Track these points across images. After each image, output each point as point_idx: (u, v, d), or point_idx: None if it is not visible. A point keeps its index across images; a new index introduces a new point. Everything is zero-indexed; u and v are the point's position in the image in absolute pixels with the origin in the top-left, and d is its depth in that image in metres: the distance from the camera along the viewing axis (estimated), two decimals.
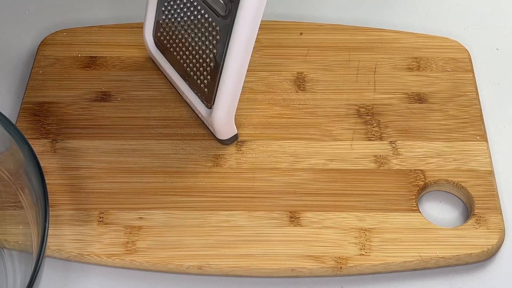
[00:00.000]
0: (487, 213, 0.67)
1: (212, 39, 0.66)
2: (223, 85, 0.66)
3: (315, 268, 0.64)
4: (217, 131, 0.70)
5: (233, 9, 0.63)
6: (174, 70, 0.73)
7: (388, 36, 0.80)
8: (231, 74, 0.65)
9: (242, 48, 0.64)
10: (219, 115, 0.68)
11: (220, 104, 0.67)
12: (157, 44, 0.74)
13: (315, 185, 0.69)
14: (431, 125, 0.73)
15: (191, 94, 0.71)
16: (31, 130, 0.73)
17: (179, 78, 0.72)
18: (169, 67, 0.73)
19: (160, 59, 0.74)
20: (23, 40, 0.83)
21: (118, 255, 0.64)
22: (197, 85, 0.70)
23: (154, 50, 0.74)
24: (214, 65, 0.67)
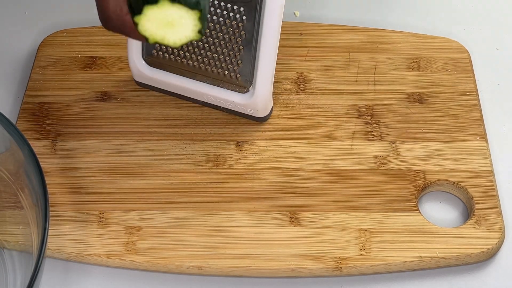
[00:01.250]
0: (487, 213, 0.67)
1: (236, 24, 0.66)
2: (262, 62, 0.67)
3: (315, 268, 0.64)
4: (260, 109, 0.70)
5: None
6: (184, 78, 0.71)
7: (388, 36, 0.80)
8: (270, 48, 0.66)
9: (276, 18, 0.65)
10: (262, 92, 0.69)
11: (262, 81, 0.68)
12: (151, 64, 0.72)
13: (315, 185, 0.69)
14: (431, 125, 0.73)
15: (215, 90, 0.71)
16: (31, 130, 0.73)
17: (195, 82, 0.71)
18: (177, 79, 0.72)
19: (160, 76, 0.72)
20: (23, 40, 0.83)
21: (118, 255, 0.64)
22: (224, 78, 0.70)
23: (149, 71, 0.72)
24: (244, 47, 0.67)
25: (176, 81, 0.72)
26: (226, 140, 0.72)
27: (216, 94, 0.71)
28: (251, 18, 0.66)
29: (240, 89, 0.70)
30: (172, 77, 0.72)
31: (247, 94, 0.70)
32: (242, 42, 0.67)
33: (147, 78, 0.73)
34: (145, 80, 0.73)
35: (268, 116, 0.72)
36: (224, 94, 0.70)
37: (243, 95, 0.70)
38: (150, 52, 0.71)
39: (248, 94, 0.70)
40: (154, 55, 0.71)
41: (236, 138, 0.72)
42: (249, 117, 0.72)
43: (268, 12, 0.65)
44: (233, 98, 0.70)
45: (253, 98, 0.69)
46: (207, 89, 0.71)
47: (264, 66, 0.67)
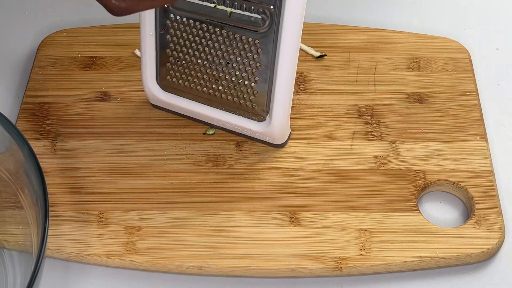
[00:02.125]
0: (487, 213, 0.67)
1: (251, 54, 0.65)
2: (279, 93, 0.65)
3: (315, 269, 0.64)
4: (277, 138, 0.69)
5: (274, 18, 0.63)
6: (199, 104, 0.70)
7: (388, 36, 0.80)
8: (286, 80, 0.65)
9: (293, 51, 0.64)
10: (279, 122, 0.67)
11: (279, 111, 0.66)
12: (166, 88, 0.71)
13: (315, 185, 0.69)
14: (431, 125, 0.73)
15: (231, 117, 0.69)
16: (31, 130, 0.73)
17: (210, 108, 0.70)
18: (192, 104, 0.71)
19: (175, 101, 0.71)
20: (23, 40, 0.83)
21: (118, 256, 0.64)
22: (239, 106, 0.69)
23: (164, 95, 0.71)
24: (260, 78, 0.66)
25: (191, 106, 0.71)
26: (226, 140, 0.72)
27: (232, 121, 0.70)
28: (267, 51, 0.65)
29: (256, 118, 0.69)
30: (187, 102, 0.71)
31: (264, 123, 0.68)
32: (257, 73, 0.66)
33: (162, 102, 0.72)
34: (160, 104, 0.72)
35: (285, 142, 0.71)
36: (240, 122, 0.69)
37: (260, 123, 0.69)
38: (165, 77, 0.70)
39: (265, 122, 0.68)
40: (169, 80, 0.70)
41: (236, 138, 0.72)
42: (267, 143, 0.71)
43: (284, 45, 0.63)
44: (250, 125, 0.69)
45: (270, 127, 0.68)
46: (223, 115, 0.70)
47: (280, 97, 0.66)
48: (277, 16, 0.62)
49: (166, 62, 0.70)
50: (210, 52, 0.67)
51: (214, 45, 0.66)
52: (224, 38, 0.66)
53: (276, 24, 0.63)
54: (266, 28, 0.64)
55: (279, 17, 0.62)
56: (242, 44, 0.65)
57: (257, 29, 0.64)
